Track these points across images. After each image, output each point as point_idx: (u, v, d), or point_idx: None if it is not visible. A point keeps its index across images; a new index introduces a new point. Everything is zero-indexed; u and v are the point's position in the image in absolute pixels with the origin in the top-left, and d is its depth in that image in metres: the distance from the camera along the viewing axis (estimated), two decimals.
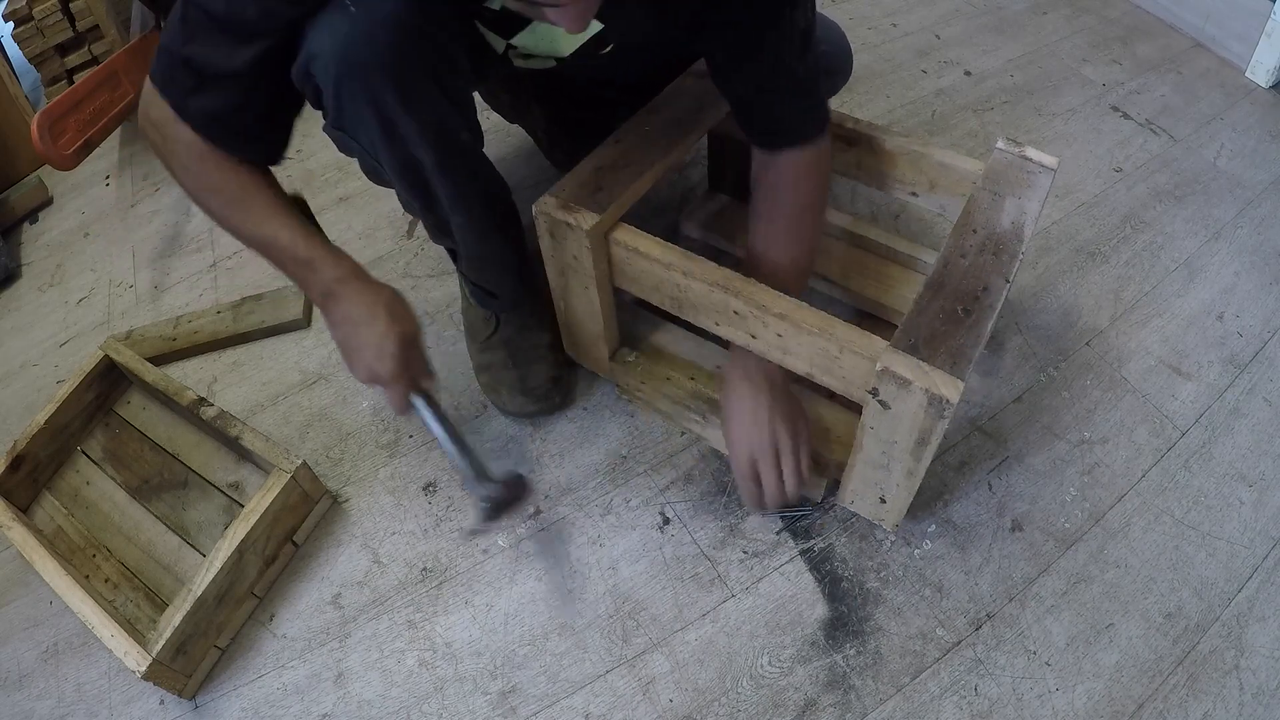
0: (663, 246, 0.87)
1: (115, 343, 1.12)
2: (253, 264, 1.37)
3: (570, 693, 0.86)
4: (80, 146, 1.31)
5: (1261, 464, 0.98)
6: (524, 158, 1.44)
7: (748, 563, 0.93)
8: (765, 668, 0.86)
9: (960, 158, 0.94)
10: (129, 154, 1.68)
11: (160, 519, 1.02)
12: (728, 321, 0.86)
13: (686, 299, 0.88)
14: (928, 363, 0.72)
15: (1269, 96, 1.45)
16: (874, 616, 0.89)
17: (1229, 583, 0.89)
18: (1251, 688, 0.82)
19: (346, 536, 1.00)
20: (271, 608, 0.95)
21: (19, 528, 0.95)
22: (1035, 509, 0.96)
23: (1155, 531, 0.93)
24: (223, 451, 1.07)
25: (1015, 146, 0.90)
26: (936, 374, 0.71)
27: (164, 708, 0.89)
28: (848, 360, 0.77)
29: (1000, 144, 0.91)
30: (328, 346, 1.21)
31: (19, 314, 1.39)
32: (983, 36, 1.65)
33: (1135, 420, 1.03)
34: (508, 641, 0.90)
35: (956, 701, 0.82)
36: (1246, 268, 1.18)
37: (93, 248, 1.48)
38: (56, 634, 0.96)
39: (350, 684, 0.88)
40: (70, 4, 1.54)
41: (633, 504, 0.99)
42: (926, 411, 0.72)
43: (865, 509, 0.92)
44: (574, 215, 0.86)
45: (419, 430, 1.08)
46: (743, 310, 0.82)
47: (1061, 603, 0.88)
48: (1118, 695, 0.82)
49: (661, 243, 0.87)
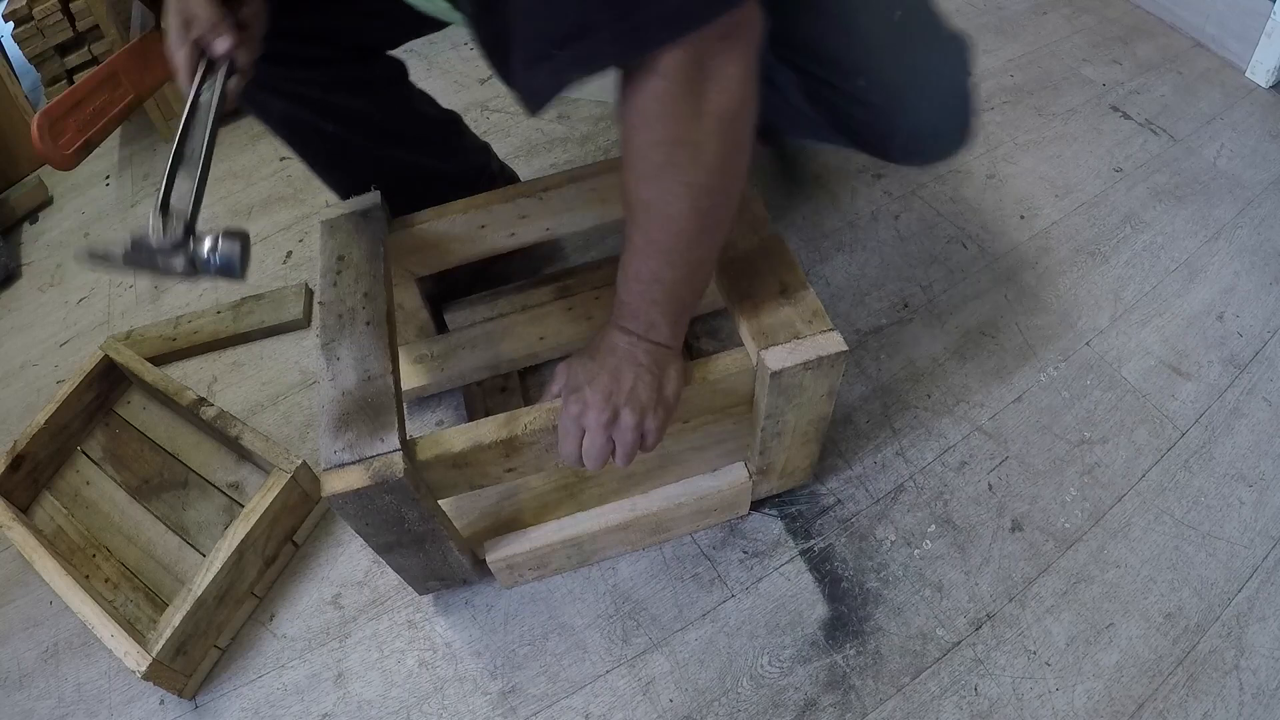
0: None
1: (115, 343, 1.12)
2: (252, 264, 1.36)
3: (570, 693, 0.86)
4: (80, 146, 1.30)
5: (1261, 464, 0.98)
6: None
7: (748, 563, 0.93)
8: (765, 668, 0.86)
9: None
10: (129, 154, 1.69)
11: (160, 519, 1.02)
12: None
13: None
14: (800, 336, 0.73)
15: (1269, 96, 1.45)
16: (874, 616, 0.89)
17: (1229, 583, 0.89)
18: (1251, 688, 0.82)
19: (346, 536, 1.00)
20: (271, 608, 0.95)
21: (19, 528, 0.95)
22: (1035, 509, 0.95)
23: (1155, 531, 0.93)
24: (223, 451, 1.07)
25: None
26: (815, 339, 0.73)
27: (164, 708, 0.89)
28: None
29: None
30: None
31: (19, 314, 1.39)
32: (983, 36, 1.65)
33: (1135, 420, 1.03)
34: (508, 641, 0.90)
35: (956, 701, 0.82)
36: (1246, 268, 1.18)
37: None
38: (56, 634, 0.96)
39: (350, 684, 0.88)
40: (70, 4, 1.54)
41: None
42: (830, 371, 0.74)
43: (796, 480, 0.94)
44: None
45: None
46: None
47: (1061, 603, 0.88)
48: (1118, 695, 0.82)
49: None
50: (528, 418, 0.73)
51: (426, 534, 0.78)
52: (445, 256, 0.96)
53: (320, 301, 0.81)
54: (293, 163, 1.56)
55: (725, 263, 0.79)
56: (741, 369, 0.76)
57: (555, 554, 0.90)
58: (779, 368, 0.71)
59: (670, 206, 0.62)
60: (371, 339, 0.76)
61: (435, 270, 0.98)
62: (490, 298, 1.12)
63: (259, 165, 1.58)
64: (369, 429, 0.70)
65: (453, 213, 0.91)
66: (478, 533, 0.91)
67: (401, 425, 0.72)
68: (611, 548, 0.94)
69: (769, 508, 0.97)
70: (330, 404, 0.73)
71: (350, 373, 0.74)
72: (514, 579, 0.93)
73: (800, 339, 0.72)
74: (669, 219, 0.63)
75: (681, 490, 0.90)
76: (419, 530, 0.77)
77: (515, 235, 0.96)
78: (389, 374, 0.74)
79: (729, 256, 0.79)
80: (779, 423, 0.80)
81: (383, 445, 0.69)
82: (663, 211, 0.63)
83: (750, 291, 0.77)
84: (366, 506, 0.71)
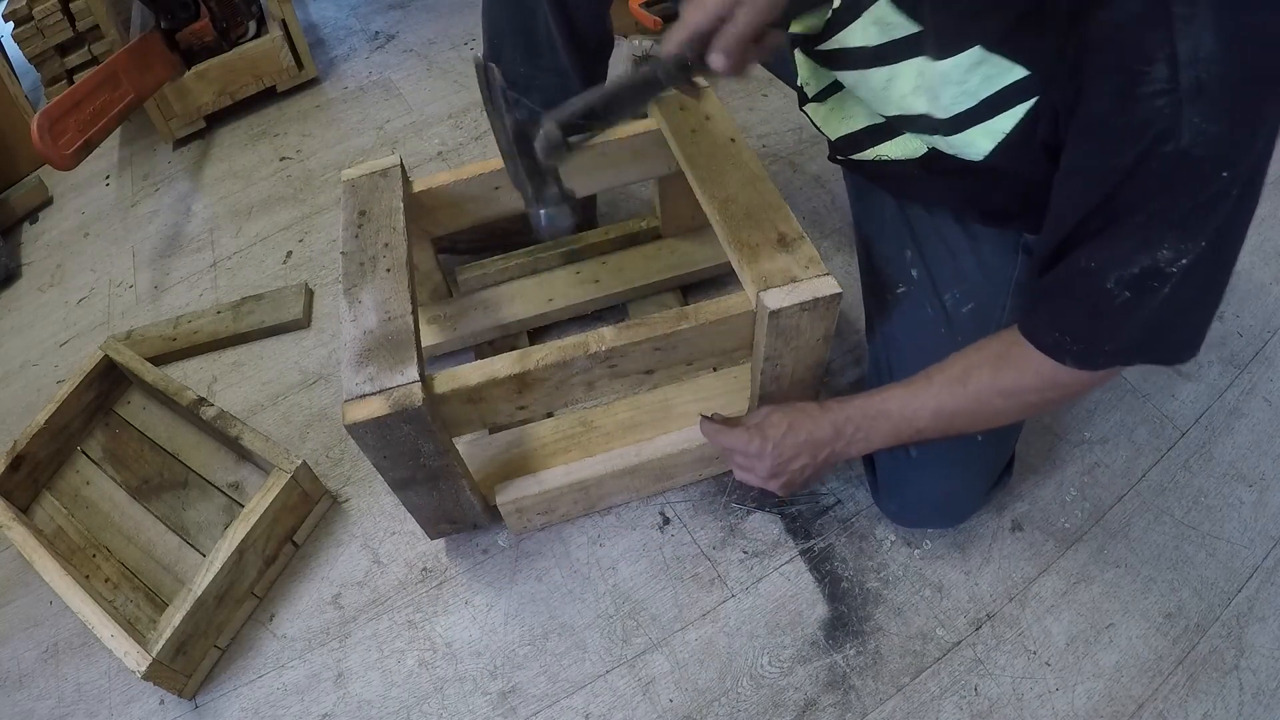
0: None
1: (115, 343, 1.12)
2: (252, 264, 1.37)
3: (570, 693, 0.86)
4: (80, 146, 1.31)
5: (1261, 464, 0.98)
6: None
7: (748, 563, 0.93)
8: (765, 668, 0.86)
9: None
10: (129, 154, 1.69)
11: (160, 519, 1.02)
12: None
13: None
14: (797, 280, 0.75)
15: None
16: (874, 616, 0.88)
17: (1229, 583, 0.89)
18: (1251, 688, 0.82)
19: (346, 536, 1.00)
20: (271, 608, 0.95)
21: (19, 528, 0.95)
22: (1035, 509, 0.95)
23: (1155, 531, 0.93)
24: (223, 451, 1.07)
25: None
26: (811, 282, 0.75)
27: (164, 708, 0.89)
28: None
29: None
30: (328, 346, 1.21)
31: (19, 314, 1.39)
32: None
33: (1135, 420, 1.03)
34: (508, 641, 0.90)
35: (956, 701, 0.82)
36: (1246, 268, 1.18)
37: (93, 248, 1.48)
38: (56, 634, 0.96)
39: (350, 684, 0.88)
40: (70, 4, 1.54)
41: (633, 504, 0.99)
42: (825, 314, 0.77)
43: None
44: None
45: None
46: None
47: (1061, 603, 0.88)
48: (1118, 695, 0.82)
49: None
50: (539, 354, 0.77)
51: (441, 470, 0.82)
52: (460, 217, 1.01)
53: (343, 252, 0.85)
54: (293, 162, 1.57)
55: (728, 215, 0.83)
56: (742, 310, 0.79)
57: (563, 498, 0.93)
58: (777, 307, 0.74)
59: (975, 419, 0.75)
60: (392, 283, 0.81)
61: (450, 230, 1.02)
62: (500, 261, 1.17)
63: (259, 165, 1.58)
64: (389, 363, 0.75)
65: (468, 174, 0.96)
66: (488, 477, 0.94)
67: (420, 360, 0.75)
68: (618, 494, 0.96)
69: (769, 507, 0.97)
70: (352, 341, 0.77)
71: (371, 314, 0.78)
72: (523, 524, 0.95)
73: (797, 282, 0.76)
74: (969, 420, 0.75)
75: (684, 437, 0.93)
76: (434, 465, 0.81)
77: None
78: (408, 314, 0.78)
79: (732, 210, 0.84)
80: (777, 365, 0.83)
81: (402, 377, 0.74)
82: (968, 415, 0.74)
83: (751, 241, 0.80)
84: (385, 437, 0.74)
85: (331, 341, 1.22)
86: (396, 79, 1.74)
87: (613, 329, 0.78)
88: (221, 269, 1.37)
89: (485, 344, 1.14)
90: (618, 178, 1.04)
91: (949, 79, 0.65)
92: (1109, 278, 0.59)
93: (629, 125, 1.02)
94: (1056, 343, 0.65)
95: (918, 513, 0.91)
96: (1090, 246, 0.60)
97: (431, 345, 1.11)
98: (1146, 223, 0.57)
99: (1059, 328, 0.65)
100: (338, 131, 1.63)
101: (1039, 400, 0.71)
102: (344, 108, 1.69)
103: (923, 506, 0.89)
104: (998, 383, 0.71)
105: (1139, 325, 0.61)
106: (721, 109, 0.95)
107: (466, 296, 1.16)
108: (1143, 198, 0.56)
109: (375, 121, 1.63)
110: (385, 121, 1.63)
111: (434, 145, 1.54)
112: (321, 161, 1.55)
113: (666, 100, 0.97)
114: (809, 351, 0.82)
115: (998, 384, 0.71)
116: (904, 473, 0.87)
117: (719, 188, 0.86)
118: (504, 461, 0.96)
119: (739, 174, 0.87)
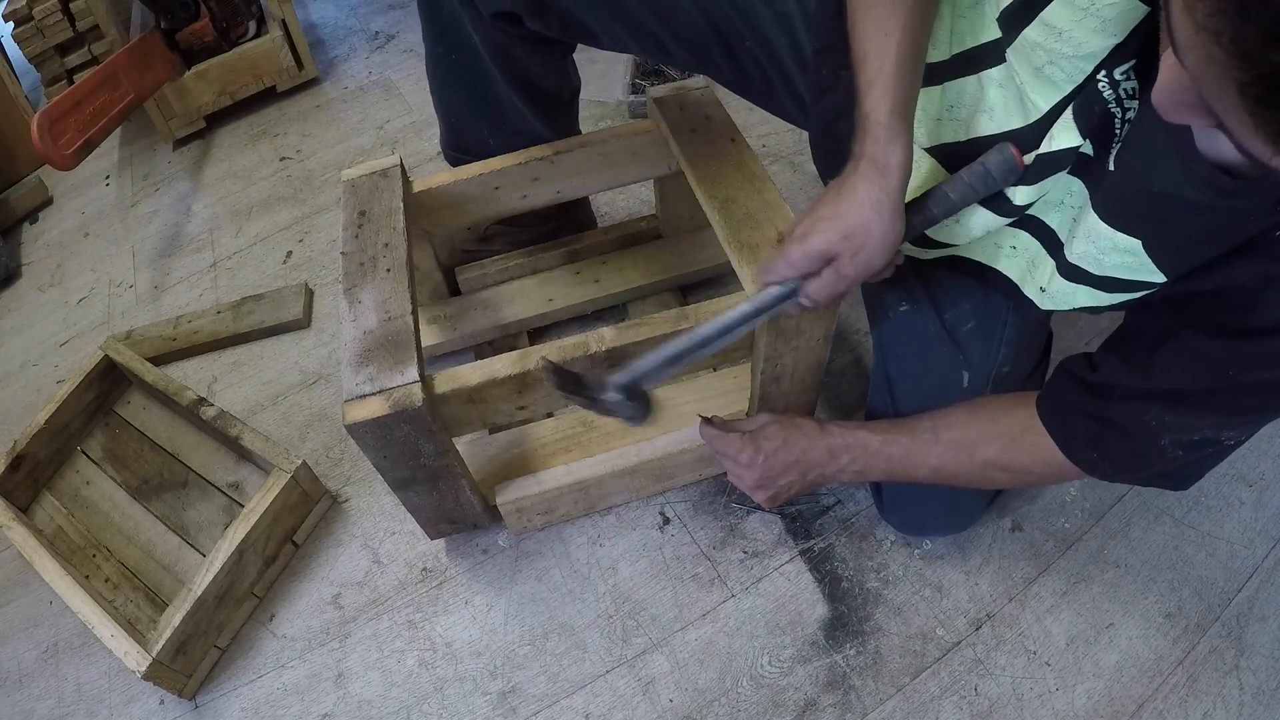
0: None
1: (115, 343, 1.12)
2: (253, 264, 1.37)
3: (570, 693, 0.86)
4: (80, 146, 1.31)
5: (1261, 464, 0.98)
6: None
7: (748, 563, 0.93)
8: (765, 668, 0.86)
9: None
10: (129, 154, 1.69)
11: (160, 519, 1.02)
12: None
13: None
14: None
15: None
16: (874, 616, 0.88)
17: (1229, 583, 0.89)
18: (1251, 688, 0.82)
19: (346, 536, 1.00)
20: (271, 608, 0.95)
21: (19, 528, 0.95)
22: (1035, 509, 0.95)
23: (1155, 531, 0.93)
24: (223, 451, 1.07)
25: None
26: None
27: (164, 708, 0.89)
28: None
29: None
30: (328, 346, 1.21)
31: (19, 314, 1.39)
32: None
33: None
34: (508, 641, 0.90)
35: (956, 701, 0.82)
36: None
37: (93, 248, 1.48)
38: (56, 634, 0.96)
39: (350, 684, 0.88)
40: (70, 4, 1.54)
41: (633, 504, 0.99)
42: (825, 315, 0.77)
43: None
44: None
45: None
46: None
47: (1061, 603, 0.88)
48: (1118, 695, 0.82)
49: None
50: (539, 354, 0.77)
51: (441, 470, 0.82)
52: (460, 217, 1.01)
53: (343, 252, 0.85)
54: (293, 162, 1.57)
55: (728, 215, 0.84)
56: None
57: (563, 498, 0.93)
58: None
59: (972, 482, 0.78)
60: (392, 283, 0.81)
61: (450, 229, 1.03)
62: (500, 261, 1.17)
63: (259, 165, 1.58)
64: (389, 363, 0.75)
65: (468, 174, 0.96)
66: (488, 477, 0.94)
67: (420, 361, 0.75)
68: (618, 494, 0.96)
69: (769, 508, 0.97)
70: (352, 341, 0.76)
71: (371, 314, 0.78)
72: (523, 524, 0.95)
73: None
74: (966, 481, 0.78)
75: (683, 437, 0.93)
76: (434, 465, 0.80)
77: (527, 197, 1.01)
78: (408, 314, 0.78)
79: (732, 210, 0.84)
80: (777, 366, 0.82)
81: (402, 378, 0.73)
82: (967, 478, 0.77)
83: (750, 241, 0.81)
84: (385, 437, 0.74)
85: (331, 341, 1.22)
86: (396, 79, 1.74)
87: (613, 329, 0.78)
88: (221, 269, 1.37)
89: (485, 344, 1.14)
90: (618, 178, 1.04)
91: (1094, 237, 0.59)
92: (1167, 436, 0.62)
93: (629, 125, 1.02)
94: (1091, 461, 0.68)
95: (922, 523, 0.92)
96: (1162, 408, 0.62)
97: (431, 345, 1.11)
98: (1229, 413, 0.60)
99: (1099, 450, 0.67)
100: (338, 131, 1.63)
101: (1038, 481, 0.75)
102: (344, 108, 1.69)
103: (927, 517, 0.90)
104: (1004, 459, 0.73)
105: (1174, 467, 0.66)
106: (722, 109, 0.95)
107: (466, 296, 1.16)
108: (1238, 397, 0.58)
109: (375, 121, 1.63)
110: (385, 121, 1.63)
111: (434, 145, 1.54)
112: (321, 161, 1.55)
113: (666, 100, 0.97)
114: (809, 351, 0.82)
115: (1004, 460, 0.73)
116: (908, 491, 0.87)
117: (719, 188, 0.86)
118: (504, 461, 0.96)
119: (739, 174, 0.87)
